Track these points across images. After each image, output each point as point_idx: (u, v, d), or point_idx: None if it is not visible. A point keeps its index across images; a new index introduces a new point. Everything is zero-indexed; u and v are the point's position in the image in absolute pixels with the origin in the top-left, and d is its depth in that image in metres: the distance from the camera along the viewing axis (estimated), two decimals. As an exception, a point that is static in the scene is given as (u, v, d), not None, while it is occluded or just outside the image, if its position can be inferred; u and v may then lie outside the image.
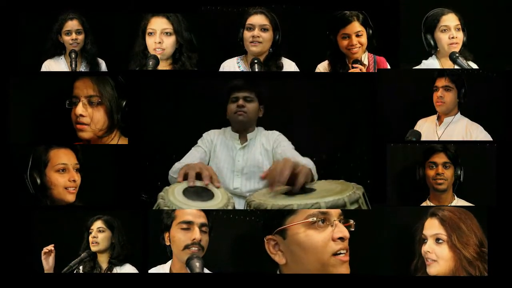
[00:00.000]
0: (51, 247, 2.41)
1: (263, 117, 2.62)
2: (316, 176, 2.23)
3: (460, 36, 2.53)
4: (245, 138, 2.59)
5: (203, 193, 2.07)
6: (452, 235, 2.26)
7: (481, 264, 2.26)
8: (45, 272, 2.40)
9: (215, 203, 2.04)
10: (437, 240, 2.27)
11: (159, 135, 2.71)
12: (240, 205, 2.41)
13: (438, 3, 2.55)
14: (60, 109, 2.43)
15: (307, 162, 2.31)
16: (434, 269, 2.28)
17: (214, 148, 2.58)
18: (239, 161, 2.54)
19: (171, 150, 2.59)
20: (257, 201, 2.00)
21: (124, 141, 2.51)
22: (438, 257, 2.27)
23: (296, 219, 1.93)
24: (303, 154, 2.45)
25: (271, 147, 2.54)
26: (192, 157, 2.51)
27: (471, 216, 2.30)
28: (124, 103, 2.47)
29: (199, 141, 2.61)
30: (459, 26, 2.53)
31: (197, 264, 2.14)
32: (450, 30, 2.52)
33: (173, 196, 2.02)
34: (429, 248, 2.29)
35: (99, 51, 2.62)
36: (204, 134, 2.63)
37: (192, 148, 2.57)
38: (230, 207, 2.05)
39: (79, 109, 2.41)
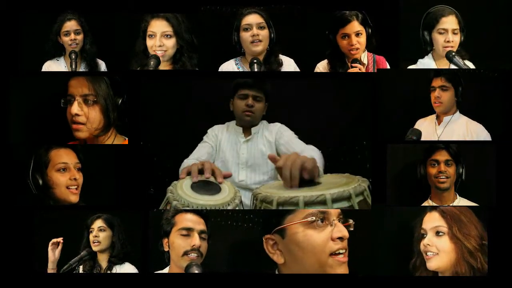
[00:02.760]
0: (60, 239, 2.42)
1: (265, 115, 2.65)
2: (321, 171, 2.24)
3: (456, 40, 2.52)
4: (249, 132, 2.62)
5: (210, 187, 2.09)
6: (453, 226, 2.26)
7: (482, 256, 2.25)
8: (49, 263, 2.40)
9: (222, 197, 2.06)
10: (437, 232, 2.27)
11: (159, 135, 2.72)
12: (246, 197, 2.42)
13: (438, 1, 2.54)
14: (60, 110, 2.43)
15: (312, 151, 2.35)
16: (434, 263, 2.28)
17: (219, 143, 2.60)
18: (244, 154, 2.57)
19: (172, 149, 2.60)
20: (264, 194, 2.01)
21: (120, 139, 2.51)
22: (439, 249, 2.26)
23: (295, 218, 1.93)
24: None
25: (274, 138, 2.58)
26: (199, 152, 2.55)
27: (471, 212, 2.31)
28: (120, 101, 2.46)
29: (205, 137, 2.63)
30: (457, 30, 2.52)
31: (196, 272, 2.15)
32: (447, 34, 2.51)
33: (181, 190, 2.05)
34: (429, 241, 2.28)
35: (98, 52, 2.62)
36: (208, 130, 2.66)
37: (199, 145, 2.60)
38: (237, 201, 2.07)
39: (75, 108, 2.39)
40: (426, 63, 2.58)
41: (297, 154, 2.04)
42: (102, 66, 2.62)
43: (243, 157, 2.56)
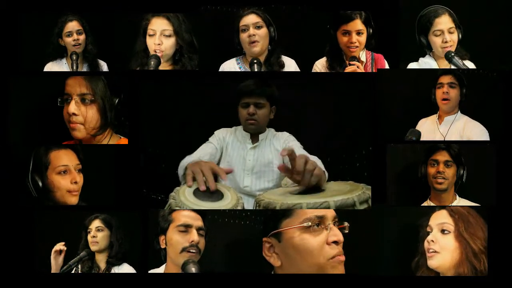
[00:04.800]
0: (62, 246, 2.42)
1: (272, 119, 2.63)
2: (326, 176, 2.24)
3: (454, 38, 2.52)
4: (256, 138, 2.59)
5: (213, 194, 2.09)
6: (460, 225, 2.27)
7: (486, 258, 2.26)
8: (52, 271, 2.40)
9: (224, 204, 2.06)
10: (443, 231, 2.28)
11: (161, 137, 2.72)
12: (249, 204, 2.42)
13: (438, 1, 2.54)
14: (60, 110, 2.43)
15: (317, 161, 2.33)
16: (435, 261, 2.29)
17: (226, 146, 2.59)
18: (250, 160, 2.54)
19: (178, 155, 2.59)
20: (267, 200, 2.03)
21: (115, 138, 2.50)
22: (442, 248, 2.27)
23: (292, 223, 1.95)
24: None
25: (281, 147, 2.55)
26: (203, 152, 2.53)
27: (478, 215, 2.32)
28: (117, 100, 2.46)
29: (211, 138, 2.61)
30: (453, 29, 2.51)
31: (193, 269, 2.15)
32: (444, 34, 2.51)
33: (184, 196, 2.05)
34: (433, 237, 2.30)
35: (99, 52, 2.62)
36: (215, 132, 2.63)
37: (203, 144, 2.58)
38: (239, 207, 2.08)
39: (72, 107, 2.39)
40: (428, 61, 2.58)
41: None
42: (104, 67, 2.62)
43: (249, 163, 2.54)
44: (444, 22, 2.51)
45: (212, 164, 2.19)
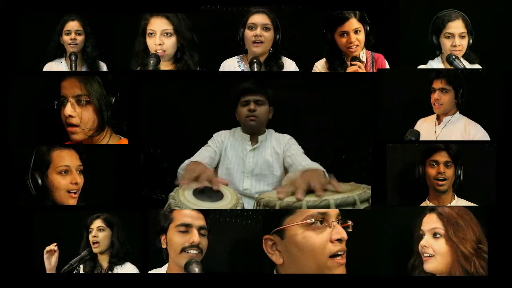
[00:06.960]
0: (53, 246, 2.40)
1: (271, 119, 2.63)
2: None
3: (464, 43, 2.53)
4: (256, 139, 2.59)
5: (212, 194, 2.09)
6: (449, 229, 2.28)
7: (477, 260, 2.28)
8: (47, 272, 2.40)
9: (224, 204, 2.06)
10: (435, 234, 2.30)
11: (162, 137, 2.72)
12: (249, 205, 2.41)
13: (439, 3, 2.54)
14: (59, 110, 2.43)
15: (318, 167, 2.35)
16: (431, 265, 2.31)
17: (225, 149, 2.58)
18: (249, 163, 2.54)
19: (178, 154, 2.59)
20: (267, 199, 2.04)
21: (115, 138, 2.50)
22: (435, 252, 2.29)
23: (294, 220, 1.95)
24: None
25: (282, 150, 2.55)
26: (202, 156, 2.54)
27: (470, 214, 2.33)
28: (113, 100, 2.45)
29: (209, 141, 2.61)
30: (465, 34, 2.53)
31: (196, 269, 2.13)
32: (454, 38, 2.52)
33: (183, 196, 2.05)
34: (426, 242, 2.31)
35: (99, 54, 2.61)
36: (214, 135, 2.63)
37: (202, 148, 2.58)
38: (239, 207, 2.08)
39: (68, 109, 2.38)
40: (435, 65, 2.58)
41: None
42: (104, 69, 2.61)
43: (249, 165, 2.54)
44: (456, 26, 2.52)
45: (209, 173, 2.20)
